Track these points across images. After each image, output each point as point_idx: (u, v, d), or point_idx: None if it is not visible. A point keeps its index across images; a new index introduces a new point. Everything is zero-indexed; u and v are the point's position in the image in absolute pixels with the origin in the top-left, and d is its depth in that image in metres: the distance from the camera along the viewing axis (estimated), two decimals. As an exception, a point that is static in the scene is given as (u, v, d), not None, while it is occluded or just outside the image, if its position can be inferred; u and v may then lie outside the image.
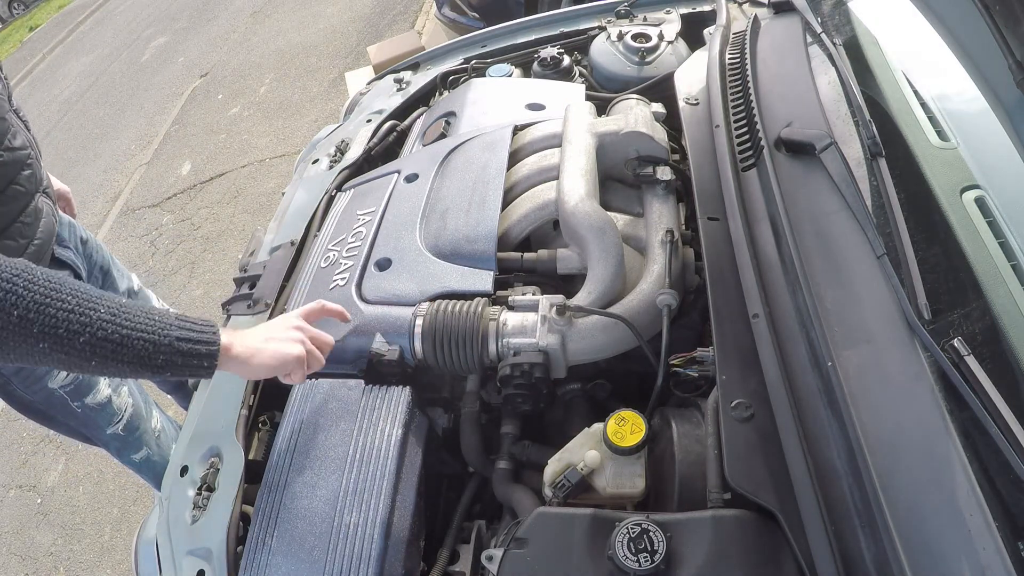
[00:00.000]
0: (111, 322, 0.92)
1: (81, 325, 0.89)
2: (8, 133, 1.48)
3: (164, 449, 1.98)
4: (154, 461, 1.93)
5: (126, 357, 0.93)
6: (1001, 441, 0.79)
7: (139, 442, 1.88)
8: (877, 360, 0.94)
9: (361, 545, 1.00)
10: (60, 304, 0.89)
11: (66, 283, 0.92)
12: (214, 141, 4.96)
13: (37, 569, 2.70)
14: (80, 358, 0.90)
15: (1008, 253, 1.00)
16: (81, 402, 1.70)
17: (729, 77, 1.48)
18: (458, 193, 1.42)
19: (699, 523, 0.89)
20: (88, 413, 1.72)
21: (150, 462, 1.93)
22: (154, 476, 1.95)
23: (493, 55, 2.07)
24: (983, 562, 0.75)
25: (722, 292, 1.11)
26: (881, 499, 0.81)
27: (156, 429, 1.96)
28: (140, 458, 1.91)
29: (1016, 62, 1.09)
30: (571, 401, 1.25)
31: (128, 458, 1.91)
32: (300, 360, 1.07)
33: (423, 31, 4.84)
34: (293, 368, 1.06)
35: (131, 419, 1.83)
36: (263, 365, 1.04)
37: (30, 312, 0.87)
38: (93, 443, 1.88)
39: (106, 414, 1.76)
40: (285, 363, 1.05)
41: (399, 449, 1.10)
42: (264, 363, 1.04)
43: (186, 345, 0.96)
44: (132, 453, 1.89)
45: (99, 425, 1.77)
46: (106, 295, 0.95)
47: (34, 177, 1.58)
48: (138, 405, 1.88)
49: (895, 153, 1.15)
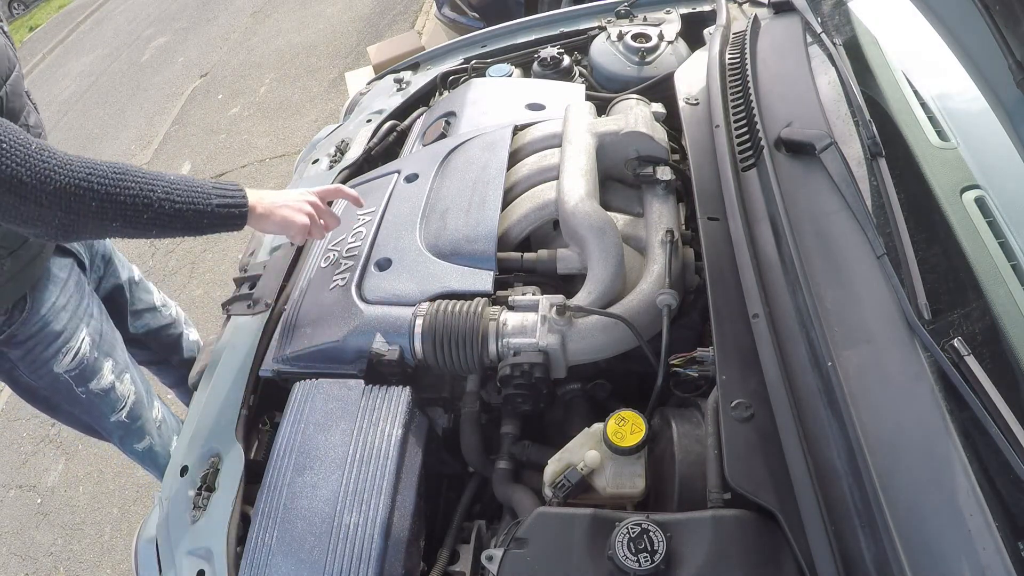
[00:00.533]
0: (167, 199, 1.15)
1: (144, 205, 1.13)
2: (24, 110, 1.52)
3: (165, 439, 1.99)
4: (156, 451, 1.95)
5: (179, 224, 1.17)
6: (1001, 441, 0.79)
7: (142, 431, 1.90)
8: (877, 360, 0.94)
9: (361, 545, 1.00)
10: (127, 191, 1.12)
11: (128, 171, 1.14)
12: (214, 141, 4.96)
13: (37, 569, 2.70)
14: (144, 229, 1.16)
15: (1008, 253, 1.00)
16: (85, 387, 1.72)
17: (729, 77, 1.48)
18: (458, 193, 1.42)
19: (699, 523, 0.89)
20: (92, 399, 1.74)
21: (152, 452, 1.95)
22: (156, 466, 1.97)
23: (493, 55, 2.07)
24: (983, 562, 0.75)
25: (722, 292, 1.11)
26: (881, 499, 0.81)
27: (157, 419, 1.97)
28: (143, 447, 1.93)
29: (1016, 62, 1.08)
30: (571, 401, 1.25)
31: (131, 447, 1.92)
32: (303, 228, 1.30)
33: (423, 31, 4.84)
34: (296, 232, 1.31)
35: (134, 407, 1.85)
36: (273, 223, 1.28)
37: (105, 201, 1.10)
38: (97, 433, 1.89)
39: (109, 401, 1.78)
40: (289, 227, 1.30)
41: (399, 449, 1.10)
42: (275, 222, 1.28)
43: (224, 210, 1.21)
44: (135, 442, 1.91)
45: (103, 412, 1.79)
46: (159, 175, 1.17)
47: None
48: (140, 394, 1.89)
49: (895, 153, 1.15)
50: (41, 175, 1.07)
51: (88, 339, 1.71)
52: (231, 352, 1.39)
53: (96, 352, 1.73)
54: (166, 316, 2.14)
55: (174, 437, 2.00)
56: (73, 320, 1.68)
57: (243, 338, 1.40)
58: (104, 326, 1.79)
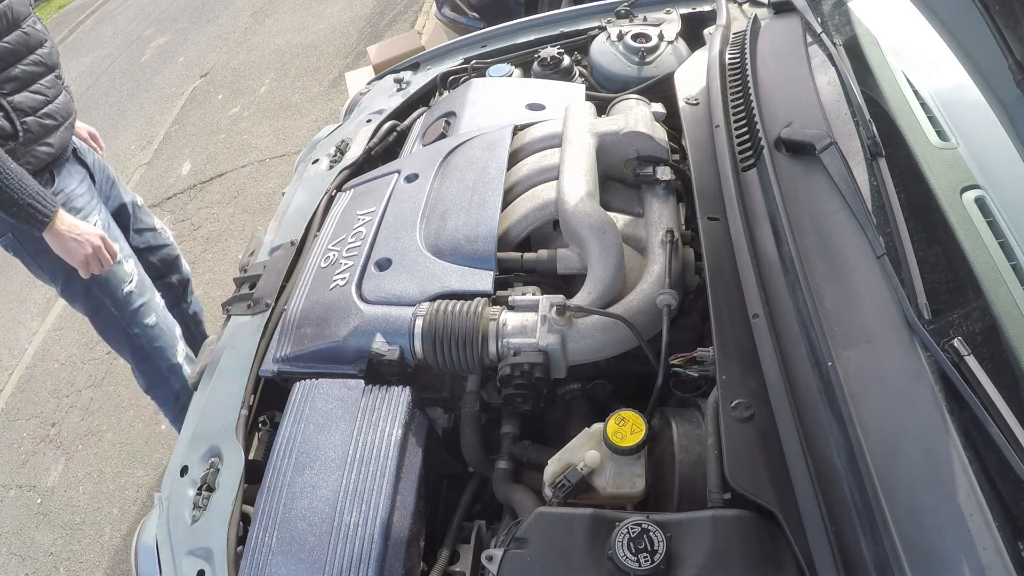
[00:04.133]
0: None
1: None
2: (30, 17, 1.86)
3: (169, 322, 2.25)
4: (162, 329, 2.20)
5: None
6: (1001, 441, 0.79)
7: (148, 308, 2.16)
8: (877, 360, 0.94)
9: (361, 545, 1.00)
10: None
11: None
12: (214, 141, 4.96)
13: (37, 569, 2.70)
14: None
15: (1008, 253, 1.00)
16: None
17: (729, 77, 1.48)
18: (458, 193, 1.42)
19: (699, 523, 0.89)
20: (107, 273, 2.00)
21: (160, 329, 2.19)
22: (165, 343, 2.21)
23: (493, 55, 2.07)
24: (983, 562, 0.75)
25: (722, 292, 1.11)
26: (881, 499, 0.81)
27: (159, 303, 2.23)
28: (151, 323, 2.16)
29: (1016, 62, 1.08)
30: (571, 401, 1.25)
31: (142, 324, 2.14)
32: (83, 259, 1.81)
33: (423, 31, 4.84)
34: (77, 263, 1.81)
35: (140, 283, 2.14)
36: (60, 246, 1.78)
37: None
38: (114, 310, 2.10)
39: (117, 277, 2.06)
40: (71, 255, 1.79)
41: (399, 449, 1.10)
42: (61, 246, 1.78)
43: (31, 209, 1.70)
44: (144, 318, 2.15)
45: (115, 284, 2.06)
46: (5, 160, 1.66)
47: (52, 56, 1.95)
48: (143, 278, 2.18)
49: (895, 153, 1.15)
50: None
51: (100, 223, 2.02)
52: (231, 352, 1.39)
53: (107, 233, 1.99)
54: (164, 238, 2.42)
55: (176, 328, 2.27)
56: (88, 206, 2.01)
57: (243, 338, 1.40)
58: (111, 224, 2.11)
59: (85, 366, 3.51)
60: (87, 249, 1.81)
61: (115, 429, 3.11)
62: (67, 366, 3.56)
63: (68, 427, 3.21)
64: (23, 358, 3.75)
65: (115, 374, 3.37)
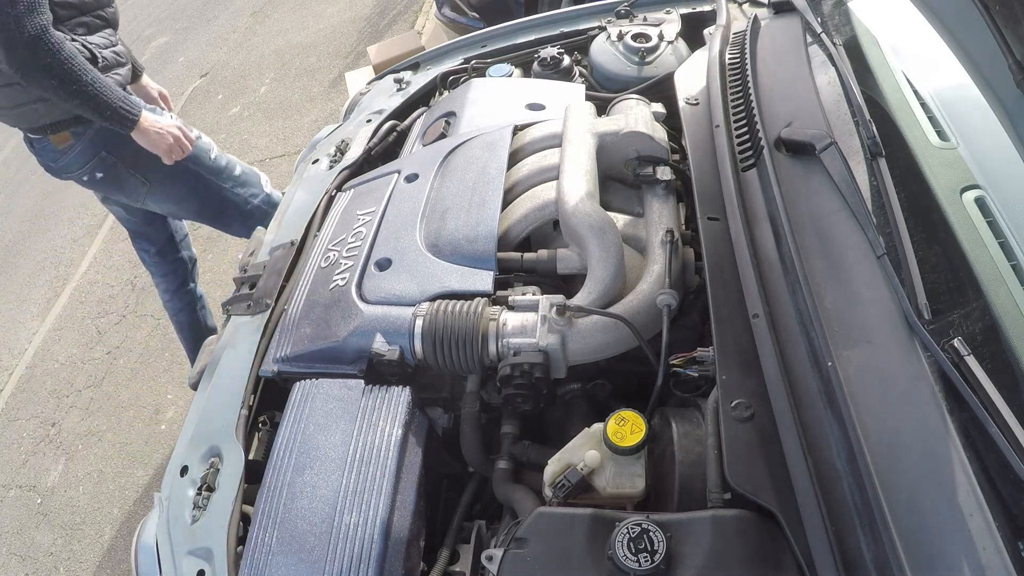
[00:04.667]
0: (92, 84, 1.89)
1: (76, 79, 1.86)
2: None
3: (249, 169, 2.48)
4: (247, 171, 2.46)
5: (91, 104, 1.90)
6: (1001, 441, 0.79)
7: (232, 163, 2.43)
8: (877, 360, 0.94)
9: (361, 545, 1.00)
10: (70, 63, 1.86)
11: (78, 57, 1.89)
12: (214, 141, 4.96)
13: (37, 569, 2.70)
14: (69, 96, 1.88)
15: (1008, 253, 1.00)
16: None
17: (729, 77, 1.48)
18: (458, 193, 1.42)
19: (699, 523, 0.89)
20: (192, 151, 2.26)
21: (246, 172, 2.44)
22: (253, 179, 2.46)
23: (493, 55, 2.07)
24: (983, 562, 0.75)
25: (722, 292, 1.11)
26: (881, 499, 0.81)
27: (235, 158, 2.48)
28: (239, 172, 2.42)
29: (1016, 62, 1.08)
30: (571, 401, 1.25)
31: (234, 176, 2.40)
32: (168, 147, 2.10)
33: (423, 31, 4.84)
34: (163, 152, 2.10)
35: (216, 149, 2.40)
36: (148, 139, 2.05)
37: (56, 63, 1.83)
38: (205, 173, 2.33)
39: (202, 149, 2.31)
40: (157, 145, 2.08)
41: (399, 449, 1.10)
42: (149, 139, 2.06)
43: (122, 111, 1.97)
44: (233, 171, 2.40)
45: (202, 156, 2.30)
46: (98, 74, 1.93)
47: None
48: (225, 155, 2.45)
49: (895, 153, 1.15)
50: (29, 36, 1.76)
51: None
52: (231, 352, 1.39)
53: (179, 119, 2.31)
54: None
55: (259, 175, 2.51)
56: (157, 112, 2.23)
57: (243, 338, 1.40)
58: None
59: (85, 366, 3.51)
60: (169, 139, 2.09)
61: (115, 429, 3.11)
62: (67, 366, 3.56)
63: (68, 427, 3.21)
64: (23, 358, 3.75)
65: (115, 374, 3.37)
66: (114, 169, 2.20)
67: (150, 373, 3.30)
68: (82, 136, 2.11)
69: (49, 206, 5.01)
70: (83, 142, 2.12)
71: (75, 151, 2.13)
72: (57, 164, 2.18)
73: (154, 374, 3.29)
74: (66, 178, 2.26)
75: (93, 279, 4.10)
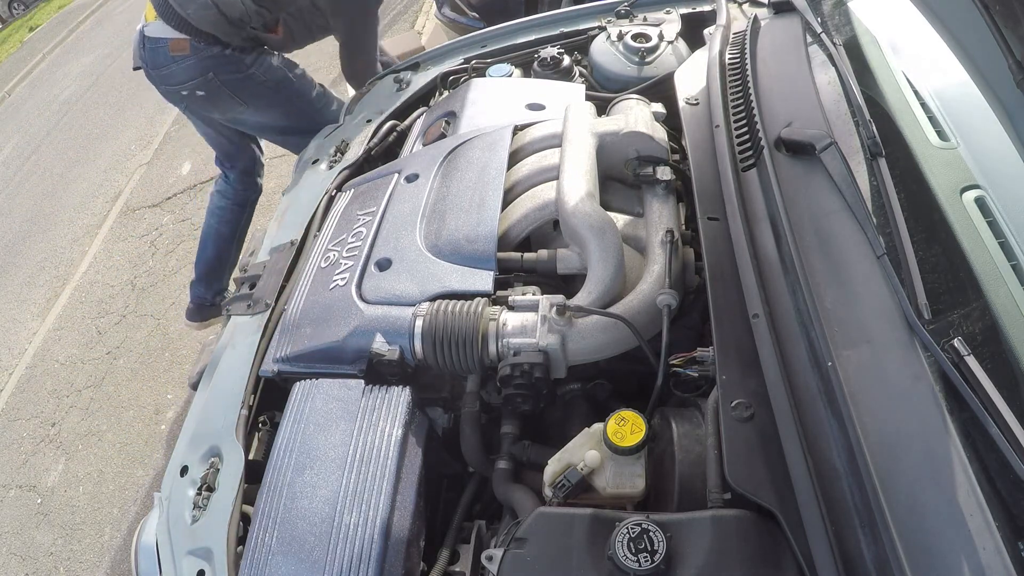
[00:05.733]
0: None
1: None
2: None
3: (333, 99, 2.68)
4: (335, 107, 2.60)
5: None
6: (1001, 441, 0.79)
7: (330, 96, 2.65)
8: (877, 360, 0.94)
9: (361, 545, 1.00)
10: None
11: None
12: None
13: (37, 569, 2.70)
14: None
15: (1008, 253, 1.00)
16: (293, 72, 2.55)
17: (729, 77, 1.48)
18: (458, 193, 1.42)
19: (699, 523, 0.89)
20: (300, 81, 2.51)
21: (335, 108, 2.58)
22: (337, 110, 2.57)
23: (493, 55, 2.07)
24: (983, 562, 0.75)
25: (722, 292, 1.11)
26: (881, 499, 0.81)
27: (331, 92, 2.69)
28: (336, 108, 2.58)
29: (1016, 62, 1.08)
30: (571, 401, 1.25)
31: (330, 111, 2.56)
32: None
33: (423, 31, 4.83)
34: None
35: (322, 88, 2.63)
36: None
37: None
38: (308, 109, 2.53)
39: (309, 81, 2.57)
40: None
41: (399, 449, 1.10)
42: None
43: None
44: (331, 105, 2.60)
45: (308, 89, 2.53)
46: None
47: None
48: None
49: (895, 153, 1.15)
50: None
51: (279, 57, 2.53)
52: (231, 352, 1.39)
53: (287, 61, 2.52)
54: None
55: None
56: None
57: (243, 338, 1.40)
58: None
59: (85, 366, 3.51)
60: None
61: (115, 429, 3.11)
62: (67, 366, 3.56)
63: (68, 427, 3.21)
64: (23, 358, 3.75)
65: (115, 374, 3.37)
66: (217, 91, 2.30)
67: (150, 373, 3.30)
68: (200, 52, 2.19)
69: (49, 206, 5.01)
70: (197, 58, 2.19)
71: (186, 63, 2.20)
72: (161, 70, 2.26)
73: (154, 374, 3.29)
74: (164, 88, 2.33)
75: (93, 279, 4.10)
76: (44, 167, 5.45)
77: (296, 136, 2.56)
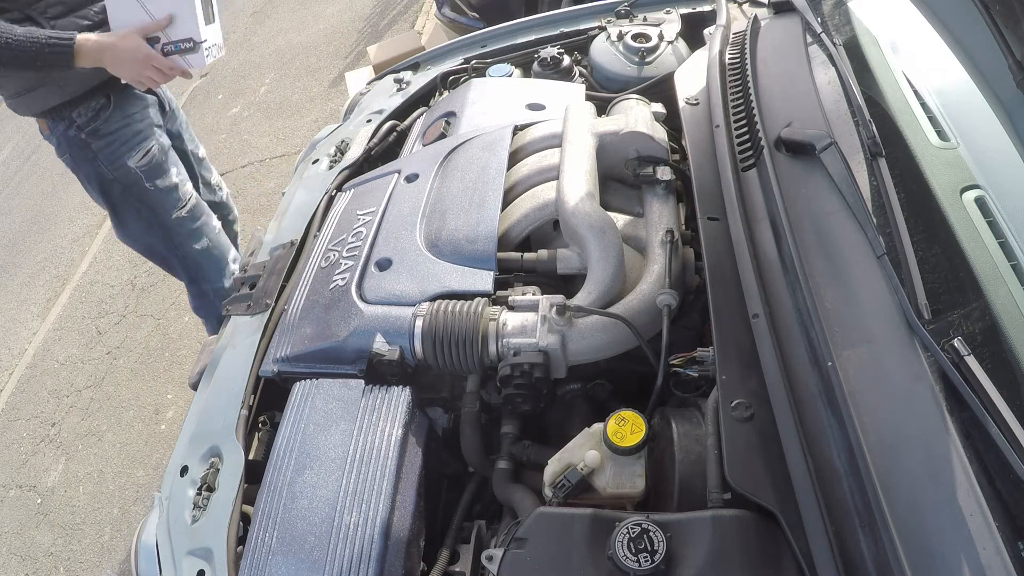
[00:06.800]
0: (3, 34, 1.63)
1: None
2: None
3: (222, 245, 2.27)
4: (214, 254, 2.23)
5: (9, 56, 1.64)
6: (1001, 441, 0.79)
7: (200, 232, 2.19)
8: (877, 360, 0.94)
9: (361, 545, 1.00)
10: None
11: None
12: (214, 141, 4.95)
13: (37, 569, 2.70)
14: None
15: (1008, 253, 1.00)
16: (154, 183, 2.06)
17: (729, 77, 1.48)
18: (458, 193, 1.42)
19: (699, 523, 0.89)
20: (159, 194, 2.07)
21: (210, 253, 2.22)
22: (214, 266, 2.24)
23: (493, 55, 2.07)
24: (983, 562, 0.75)
25: (722, 292, 1.11)
26: (881, 499, 0.81)
27: (215, 226, 2.26)
28: (201, 247, 2.19)
29: (1016, 62, 1.08)
30: (571, 401, 1.25)
31: (191, 247, 2.17)
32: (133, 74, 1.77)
33: (423, 31, 4.83)
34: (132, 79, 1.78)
35: (194, 208, 2.16)
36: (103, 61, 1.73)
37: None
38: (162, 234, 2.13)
39: (173, 198, 2.10)
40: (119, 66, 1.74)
41: (399, 449, 1.10)
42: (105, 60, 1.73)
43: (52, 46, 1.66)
44: (195, 242, 2.17)
45: (167, 208, 2.10)
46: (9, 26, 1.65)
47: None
48: (200, 202, 2.20)
49: (895, 153, 1.15)
50: None
51: (158, 146, 2.06)
52: (231, 352, 1.39)
53: (164, 157, 2.08)
54: (219, 196, 2.46)
55: (231, 250, 2.29)
56: (148, 130, 2.04)
57: (243, 338, 1.40)
58: (170, 152, 2.12)
59: (85, 366, 3.51)
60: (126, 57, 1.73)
61: (115, 429, 3.11)
62: (67, 366, 3.56)
63: (68, 427, 3.21)
64: (23, 358, 3.75)
65: (115, 374, 3.37)
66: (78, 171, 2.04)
67: (150, 373, 3.30)
68: (54, 130, 1.96)
69: (49, 206, 5.01)
70: (55, 137, 1.97)
71: (53, 142, 2.01)
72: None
73: (154, 374, 3.29)
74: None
75: (93, 279, 4.10)
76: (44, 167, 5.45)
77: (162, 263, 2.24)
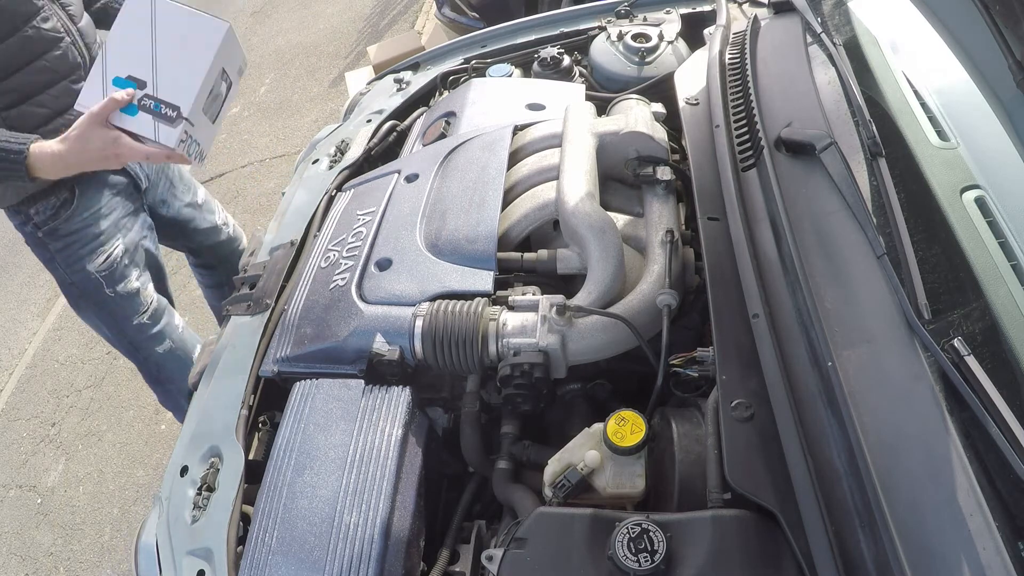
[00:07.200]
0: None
1: None
2: (37, 16, 1.65)
3: (187, 344, 2.13)
4: (177, 355, 2.09)
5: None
6: (1001, 441, 0.79)
7: (162, 334, 2.06)
8: (877, 360, 0.94)
9: (361, 545, 1.00)
10: None
11: None
12: (214, 141, 4.96)
13: (37, 569, 2.70)
14: None
15: (1008, 253, 1.00)
16: (114, 289, 1.92)
17: (729, 77, 1.48)
18: (458, 193, 1.42)
19: (699, 523, 0.89)
20: (119, 300, 1.93)
21: (173, 354, 2.09)
22: (178, 367, 2.10)
23: (493, 55, 2.06)
24: (983, 562, 0.75)
25: (722, 292, 1.11)
26: (881, 499, 0.81)
27: (178, 325, 2.13)
28: (164, 349, 2.07)
29: (1016, 62, 1.08)
30: (571, 401, 1.25)
31: (153, 350, 2.05)
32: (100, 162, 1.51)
33: (423, 31, 4.83)
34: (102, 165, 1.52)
35: (155, 311, 2.03)
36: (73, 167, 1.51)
37: None
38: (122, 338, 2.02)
39: (134, 304, 1.96)
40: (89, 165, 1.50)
41: (399, 449, 1.10)
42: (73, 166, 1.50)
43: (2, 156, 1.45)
44: (156, 345, 2.05)
45: (127, 314, 1.96)
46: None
47: (65, 60, 1.72)
48: (162, 303, 2.07)
49: (895, 153, 1.15)
50: None
51: (122, 247, 1.90)
52: (231, 352, 1.39)
53: (127, 260, 1.92)
54: (225, 233, 2.34)
55: (196, 346, 2.10)
56: (112, 229, 1.87)
57: (243, 338, 1.40)
58: (142, 244, 1.99)
59: (85, 366, 3.50)
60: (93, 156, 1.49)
61: (115, 429, 3.11)
62: (67, 366, 3.56)
63: (68, 427, 3.21)
64: (23, 358, 3.75)
65: (115, 374, 3.37)
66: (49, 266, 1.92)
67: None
68: (12, 221, 1.84)
69: (49, 206, 5.00)
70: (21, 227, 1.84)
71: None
72: None
73: (154, 374, 3.29)
74: None
75: (93, 279, 4.09)
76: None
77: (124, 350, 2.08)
